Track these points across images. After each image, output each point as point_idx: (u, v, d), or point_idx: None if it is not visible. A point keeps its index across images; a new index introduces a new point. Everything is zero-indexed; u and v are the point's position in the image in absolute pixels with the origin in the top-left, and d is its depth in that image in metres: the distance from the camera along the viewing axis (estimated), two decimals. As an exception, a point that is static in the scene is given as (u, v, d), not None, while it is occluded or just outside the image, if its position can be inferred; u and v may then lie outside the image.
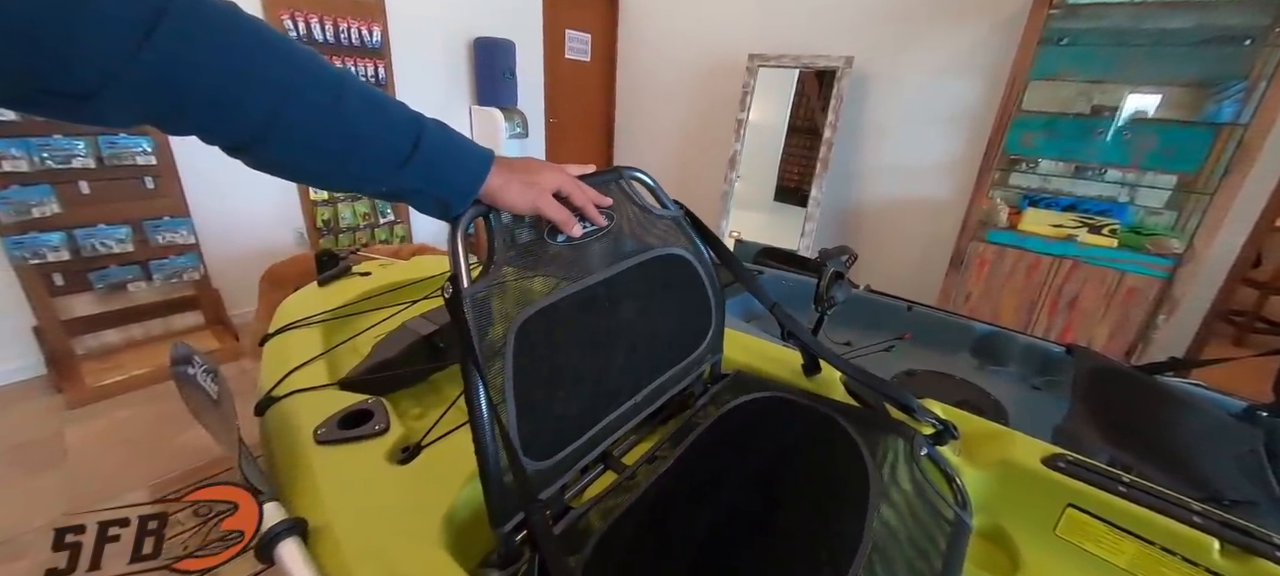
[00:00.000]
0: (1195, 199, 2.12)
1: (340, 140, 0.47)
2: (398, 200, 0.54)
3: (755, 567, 0.56)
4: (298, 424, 0.73)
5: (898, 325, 1.53)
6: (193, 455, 1.72)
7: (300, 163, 0.47)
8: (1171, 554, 0.58)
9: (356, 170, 0.49)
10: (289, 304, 1.14)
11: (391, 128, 0.49)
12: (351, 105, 0.47)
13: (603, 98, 4.27)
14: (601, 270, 0.63)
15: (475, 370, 0.49)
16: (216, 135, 0.43)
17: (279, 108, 0.43)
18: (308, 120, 0.45)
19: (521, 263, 0.57)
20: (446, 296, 0.49)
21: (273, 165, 0.47)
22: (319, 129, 0.45)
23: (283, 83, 0.43)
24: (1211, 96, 2.09)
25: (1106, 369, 1.21)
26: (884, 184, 3.12)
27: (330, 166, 0.48)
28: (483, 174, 0.54)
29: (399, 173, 0.50)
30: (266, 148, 0.44)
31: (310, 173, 0.48)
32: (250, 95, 0.42)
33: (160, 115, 0.40)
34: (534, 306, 0.56)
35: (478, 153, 0.54)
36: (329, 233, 2.86)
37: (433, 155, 0.51)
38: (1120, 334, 2.20)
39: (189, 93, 0.39)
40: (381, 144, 0.49)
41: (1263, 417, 1.08)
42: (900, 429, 0.71)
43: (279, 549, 0.54)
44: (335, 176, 0.49)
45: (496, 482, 0.51)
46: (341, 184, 0.50)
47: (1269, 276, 2.87)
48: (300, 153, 0.46)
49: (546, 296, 0.57)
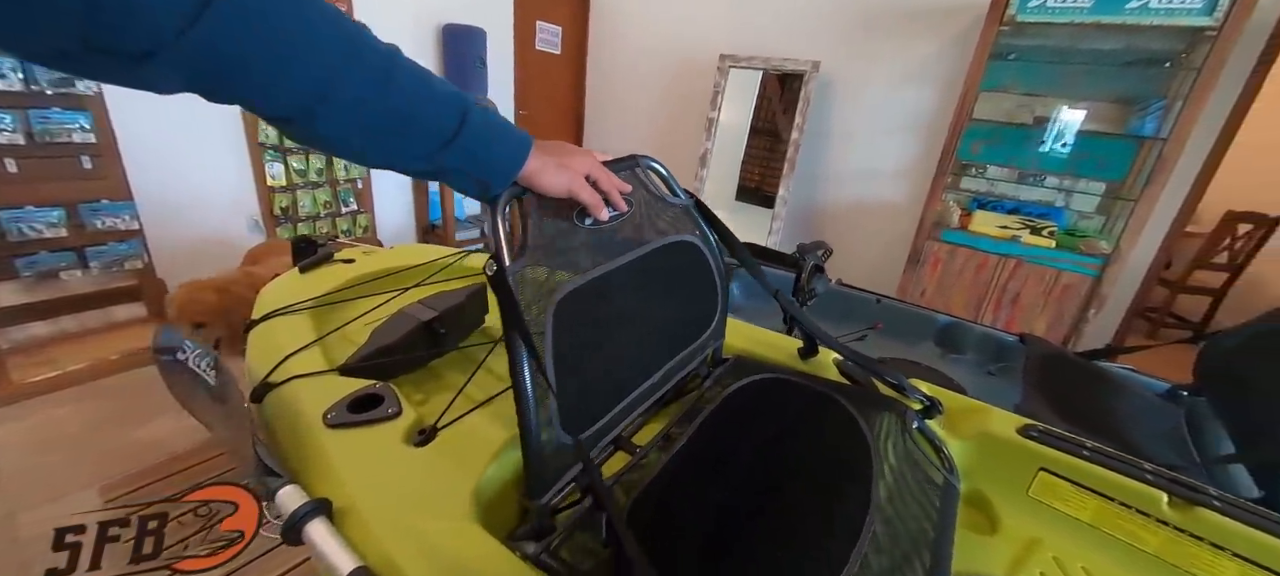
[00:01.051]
0: (1121, 205, 2.34)
1: (389, 117, 0.47)
2: (435, 178, 0.54)
3: (773, 538, 0.59)
4: (301, 409, 0.72)
5: (867, 316, 1.62)
6: (145, 453, 1.61)
7: (347, 138, 0.47)
8: (1127, 507, 0.66)
9: (402, 147, 0.49)
10: (269, 291, 1.10)
11: (439, 106, 0.50)
12: (401, 82, 0.47)
13: (572, 91, 4.26)
14: (624, 254, 0.65)
15: (522, 344, 0.50)
16: (264, 106, 0.42)
17: (332, 82, 0.43)
18: (359, 97, 0.45)
19: (553, 245, 0.58)
20: (489, 274, 0.50)
21: (318, 139, 0.46)
22: (369, 106, 0.46)
23: (337, 57, 0.43)
24: (1136, 113, 2.32)
25: (1054, 355, 1.34)
26: (847, 186, 3.27)
27: (376, 142, 0.48)
28: (523, 156, 0.55)
29: (443, 151, 0.50)
30: (314, 122, 0.44)
31: (355, 148, 0.48)
32: (304, 69, 0.42)
33: (210, 82, 0.40)
34: (568, 286, 0.58)
35: (518, 135, 0.55)
36: (287, 221, 2.72)
37: (477, 135, 0.52)
38: (1056, 327, 2.41)
39: (243, 62, 0.39)
40: (429, 122, 0.49)
41: (1183, 397, 1.23)
42: (892, 405, 0.77)
43: (307, 529, 0.53)
44: (379, 152, 0.49)
45: (537, 455, 0.52)
46: (383, 160, 0.50)
47: (1178, 277, 3.20)
48: (348, 128, 0.46)
49: (578, 278, 0.59)
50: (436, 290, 1.05)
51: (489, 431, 0.68)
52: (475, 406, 0.77)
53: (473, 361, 0.98)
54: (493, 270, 0.50)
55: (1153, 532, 0.64)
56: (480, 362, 0.85)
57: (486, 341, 1.02)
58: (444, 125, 0.50)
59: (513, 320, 0.50)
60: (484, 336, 1.06)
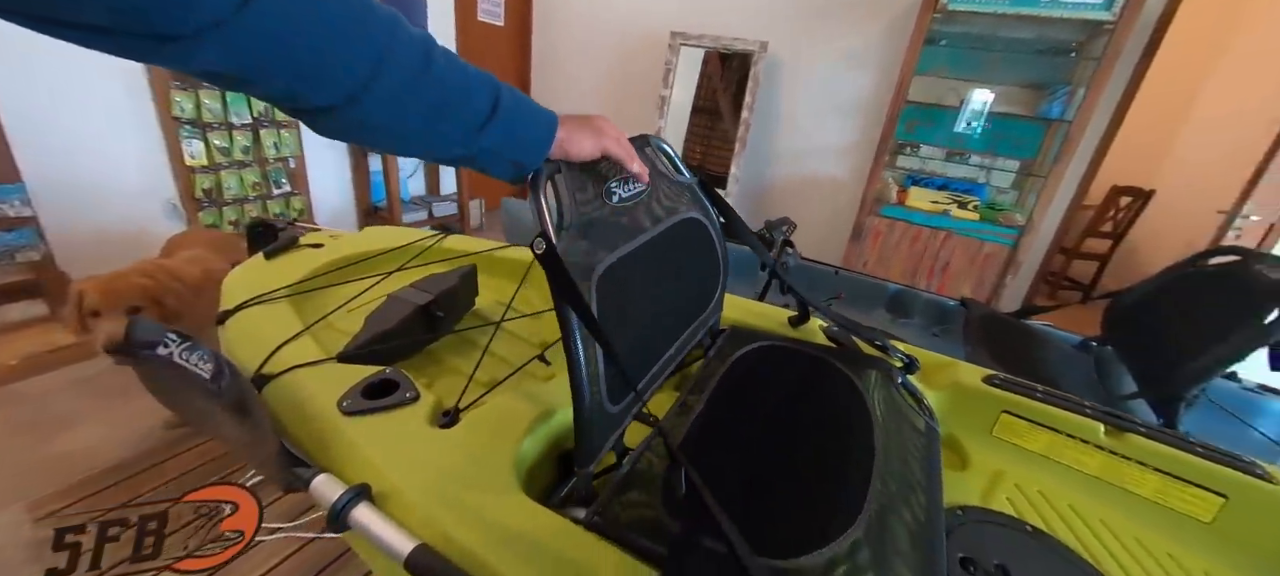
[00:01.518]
0: (1032, 181, 2.61)
1: (430, 103, 0.46)
2: (467, 164, 0.54)
3: (800, 483, 0.65)
4: (308, 398, 0.70)
5: (827, 287, 1.74)
6: (74, 465, 1.45)
7: (389, 125, 0.46)
8: (1072, 438, 0.78)
9: (444, 132, 0.48)
10: (235, 279, 1.02)
11: (474, 88, 0.50)
12: (439, 67, 0.46)
13: (516, 64, 4.12)
14: (647, 231, 0.68)
15: (577, 316, 0.52)
16: (307, 94, 0.41)
17: (381, 63, 0.42)
18: (404, 79, 0.44)
19: (589, 222, 0.60)
20: (538, 252, 0.51)
21: (356, 128, 0.45)
22: (413, 90, 0.45)
23: (383, 36, 0.42)
24: (1046, 97, 2.58)
25: (990, 315, 1.51)
26: (793, 164, 3.42)
27: (416, 128, 0.47)
28: (552, 130, 0.55)
29: (479, 134, 0.50)
30: (357, 109, 0.43)
31: (394, 136, 0.47)
32: (354, 49, 0.41)
33: (252, 69, 0.38)
34: (607, 261, 0.60)
35: (545, 112, 0.56)
36: (211, 204, 2.48)
37: (511, 114, 0.52)
38: (980, 291, 2.67)
39: (288, 49, 0.37)
40: (466, 105, 0.49)
41: (1093, 348, 1.43)
42: (877, 364, 0.86)
43: (353, 515, 0.53)
44: (418, 139, 0.48)
45: (589, 424, 0.54)
46: (423, 147, 0.49)
47: (1073, 244, 3.63)
48: (391, 115, 0.45)
49: (612, 254, 0.61)
50: (423, 274, 1.02)
51: (515, 409, 0.69)
52: (493, 386, 0.78)
53: (468, 343, 0.97)
54: (541, 248, 0.51)
55: (1092, 456, 0.77)
56: (485, 346, 0.85)
57: (481, 323, 1.02)
58: (480, 106, 0.50)
59: (567, 294, 0.51)
60: (476, 318, 1.05)
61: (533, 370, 0.85)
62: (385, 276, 1.06)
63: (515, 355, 0.90)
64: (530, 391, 0.74)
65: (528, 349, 0.95)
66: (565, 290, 0.51)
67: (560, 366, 0.87)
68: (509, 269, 1.22)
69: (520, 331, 1.01)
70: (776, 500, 0.60)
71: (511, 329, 1.00)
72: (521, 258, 1.20)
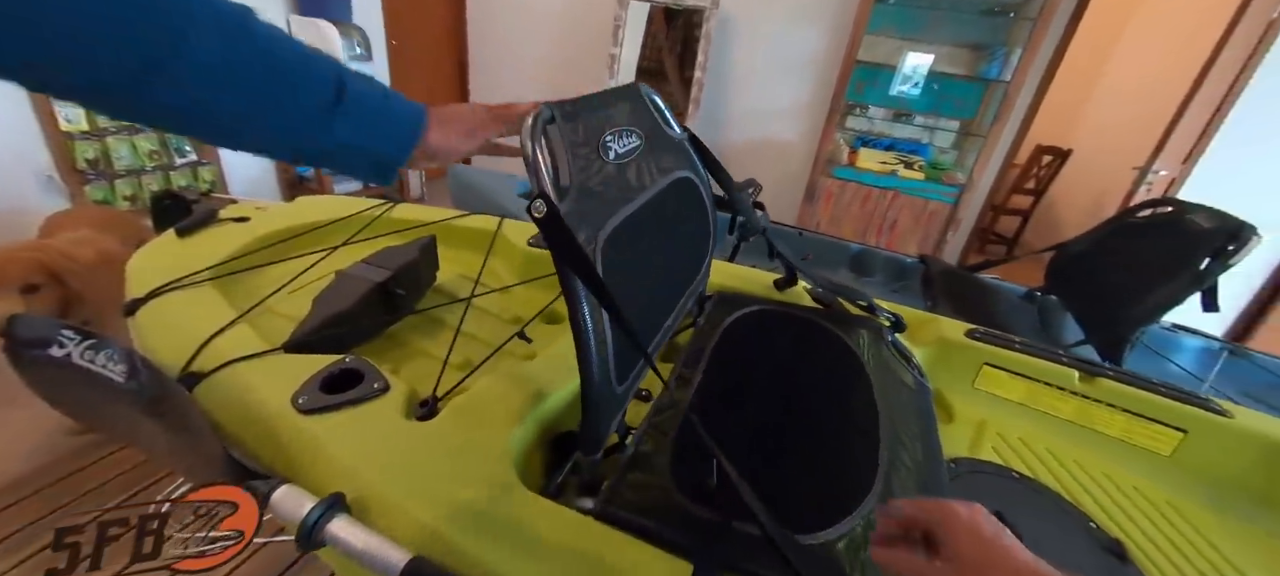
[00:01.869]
0: (971, 140, 2.73)
1: (259, 72, 0.38)
2: (320, 162, 0.47)
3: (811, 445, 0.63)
4: (254, 397, 0.60)
5: (795, 249, 1.74)
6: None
7: (205, 101, 0.37)
8: (1048, 385, 0.81)
9: (279, 114, 0.40)
10: (143, 261, 0.87)
11: (313, 70, 0.42)
12: (262, 40, 0.39)
13: (450, 13, 3.80)
14: (644, 192, 0.62)
15: (585, 285, 0.45)
16: (61, 70, 0.32)
17: (183, 30, 0.34)
18: (217, 46, 0.36)
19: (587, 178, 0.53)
20: (537, 216, 0.44)
21: (159, 111, 0.36)
22: (233, 55, 0.37)
23: (177, 9, 0.34)
24: (985, 58, 2.68)
25: (947, 270, 1.56)
26: (745, 126, 3.40)
27: (245, 107, 0.39)
28: (419, 121, 0.49)
29: (330, 120, 0.42)
30: (155, 90, 0.34)
31: (216, 119, 0.39)
32: (133, 22, 0.32)
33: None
34: (610, 223, 0.53)
35: (409, 104, 0.49)
36: (99, 177, 2.15)
37: (362, 102, 0.44)
38: (925, 247, 2.80)
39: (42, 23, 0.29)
40: (303, 88, 0.41)
41: (1038, 298, 1.52)
42: (866, 323, 0.85)
43: (329, 530, 0.46)
44: (245, 127, 0.40)
45: (597, 406, 0.49)
46: (249, 137, 0.41)
47: (1001, 201, 3.88)
48: (205, 88, 0.36)
49: (616, 213, 0.55)
50: (372, 249, 0.91)
51: (501, 393, 0.62)
52: (471, 370, 0.70)
53: (434, 323, 0.89)
54: (542, 211, 0.44)
55: (1066, 402, 0.80)
56: (458, 327, 0.77)
57: (447, 300, 0.93)
58: (320, 90, 0.42)
59: (574, 261, 0.45)
60: (441, 295, 0.96)
61: (511, 348, 0.78)
62: (330, 252, 0.94)
63: (489, 334, 0.82)
64: (513, 372, 0.67)
65: (501, 326, 0.87)
66: (572, 256, 0.45)
67: (541, 344, 0.81)
68: (468, 238, 1.11)
69: (490, 307, 0.93)
70: (790, 470, 0.58)
71: (482, 305, 0.91)
72: (484, 227, 1.10)
